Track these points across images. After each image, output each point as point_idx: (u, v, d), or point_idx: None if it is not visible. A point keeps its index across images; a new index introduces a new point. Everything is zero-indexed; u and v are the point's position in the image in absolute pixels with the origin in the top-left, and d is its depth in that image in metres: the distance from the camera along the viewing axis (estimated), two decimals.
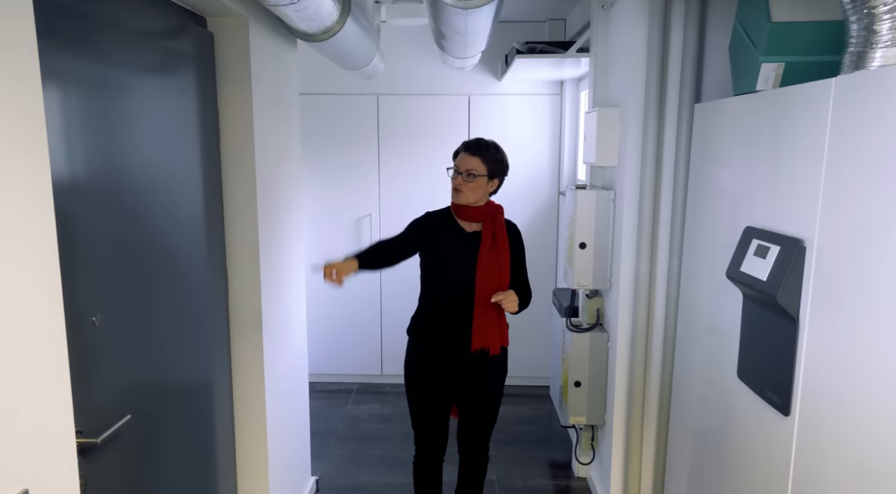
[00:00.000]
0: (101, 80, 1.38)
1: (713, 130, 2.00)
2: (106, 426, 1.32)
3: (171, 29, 1.74)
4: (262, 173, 2.15)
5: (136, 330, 1.51)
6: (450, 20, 1.94)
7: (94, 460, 1.30)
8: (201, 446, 1.92)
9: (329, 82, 3.96)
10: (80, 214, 1.29)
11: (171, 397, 1.72)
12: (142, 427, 1.51)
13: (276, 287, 2.35)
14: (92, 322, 1.32)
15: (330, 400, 4.11)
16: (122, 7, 1.47)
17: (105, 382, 1.37)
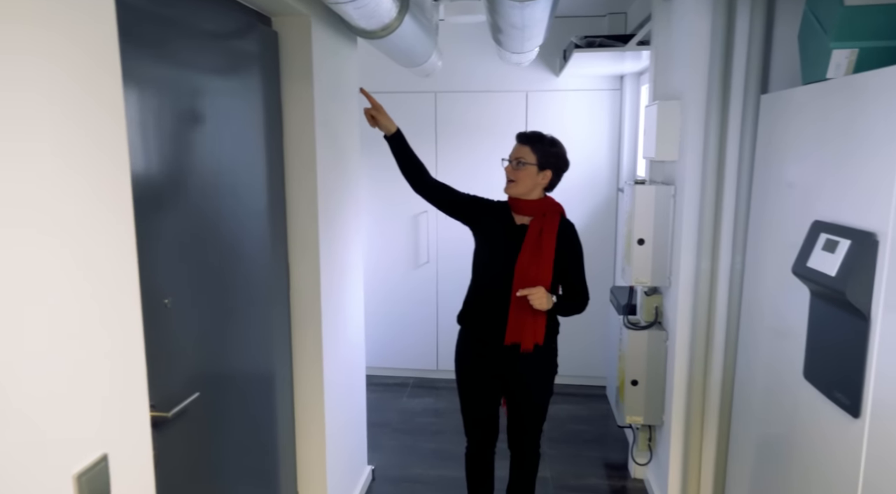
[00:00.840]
0: (175, 79, 1.46)
1: (780, 122, 1.93)
2: (176, 401, 1.40)
3: (239, 29, 1.82)
4: (323, 169, 2.22)
5: (204, 315, 1.60)
6: (506, 13, 1.94)
7: (165, 433, 1.39)
8: (263, 428, 2.00)
9: (388, 80, 4.03)
10: (155, 205, 1.38)
11: (236, 379, 1.81)
12: (209, 405, 1.59)
13: (335, 280, 2.41)
14: (164, 304, 1.40)
15: (386, 393, 4.18)
16: (195, 9, 1.55)
17: (175, 361, 1.46)
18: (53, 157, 0.88)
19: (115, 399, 1.05)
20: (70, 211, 0.92)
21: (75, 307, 0.94)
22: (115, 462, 1.05)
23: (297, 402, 2.29)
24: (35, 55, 0.85)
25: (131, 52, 1.24)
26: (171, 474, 1.41)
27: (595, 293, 4.08)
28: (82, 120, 0.95)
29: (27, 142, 0.84)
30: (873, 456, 1.38)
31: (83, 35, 0.95)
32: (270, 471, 2.07)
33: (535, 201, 2.19)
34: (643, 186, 2.53)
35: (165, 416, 1.35)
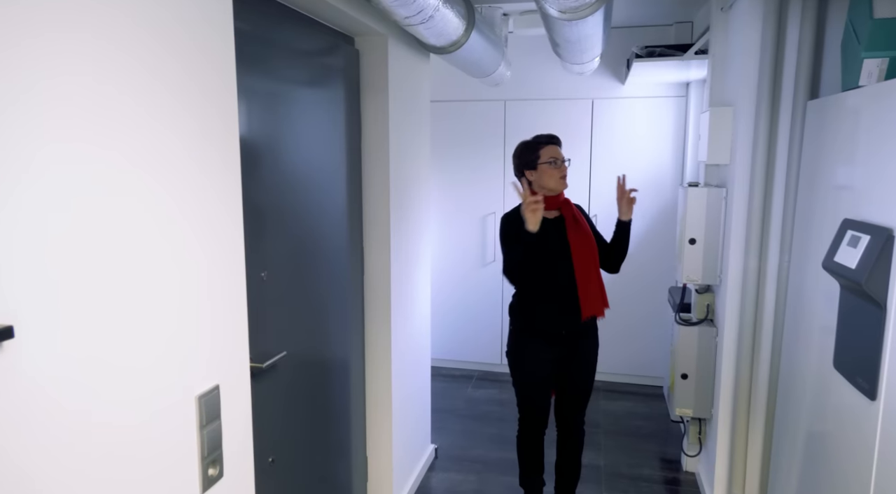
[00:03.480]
0: (274, 92, 1.78)
1: (824, 127, 2.03)
2: (269, 356, 1.71)
3: (327, 48, 2.14)
4: (395, 171, 2.51)
5: (292, 289, 1.90)
6: (559, 30, 2.15)
7: (260, 381, 1.69)
8: (339, 395, 2.30)
9: (461, 90, 4.30)
10: (256, 197, 1.69)
11: (317, 348, 2.11)
12: (294, 365, 1.90)
13: (404, 271, 2.69)
14: (261, 276, 1.71)
15: (453, 383, 4.43)
16: (290, 31, 1.87)
17: (268, 323, 1.77)
18: (189, 158, 1.19)
19: (226, 345, 1.35)
20: (200, 200, 1.23)
21: (201, 272, 1.24)
22: (224, 393, 1.35)
23: (367, 377, 2.58)
24: (175, 60, 1.16)
25: (239, 67, 1.55)
26: (264, 416, 1.72)
27: (655, 293, 4.19)
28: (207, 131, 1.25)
29: (170, 149, 1.14)
30: (887, 433, 1.49)
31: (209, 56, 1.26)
32: (343, 434, 2.36)
33: (560, 194, 2.46)
34: (695, 189, 2.65)
35: (260, 367, 1.66)
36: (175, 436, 1.15)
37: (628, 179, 4.13)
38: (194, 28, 1.15)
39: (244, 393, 1.44)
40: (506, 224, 2.43)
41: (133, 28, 0.99)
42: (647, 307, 4.24)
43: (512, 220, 2.40)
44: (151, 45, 1.03)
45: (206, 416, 1.24)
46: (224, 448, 1.29)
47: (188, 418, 1.19)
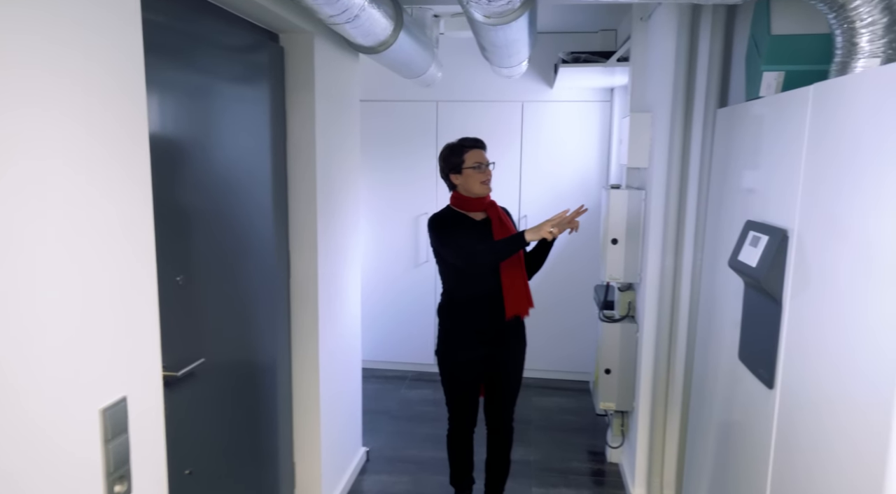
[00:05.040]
0: (192, 87, 1.72)
1: (730, 133, 2.15)
2: (185, 364, 1.65)
3: (250, 45, 2.08)
4: (322, 171, 2.47)
5: (212, 293, 1.85)
6: (486, 34, 2.18)
7: (175, 391, 1.64)
8: (263, 400, 2.25)
9: (392, 90, 4.29)
10: (171, 195, 1.63)
11: (238, 353, 2.06)
12: (213, 372, 1.85)
13: (332, 272, 2.66)
14: (177, 281, 1.65)
15: (386, 384, 4.42)
16: (211, 25, 1.81)
17: (185, 330, 1.71)
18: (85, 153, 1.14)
19: (134, 354, 1.30)
20: (103, 199, 1.17)
21: (105, 277, 1.19)
22: (132, 404, 1.29)
23: (294, 381, 2.53)
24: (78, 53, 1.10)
25: (155, 61, 1.50)
26: (180, 426, 1.66)
27: (582, 291, 4.32)
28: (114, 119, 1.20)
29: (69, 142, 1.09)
30: (783, 419, 1.59)
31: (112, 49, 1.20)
32: (269, 441, 2.31)
33: (486, 196, 2.50)
34: (617, 191, 2.75)
35: (175, 375, 1.60)
36: (75, 453, 1.09)
37: (556, 181, 4.24)
38: (94, 13, 1.10)
39: (155, 403, 1.39)
40: (441, 224, 2.46)
41: (22, 9, 0.94)
42: (575, 305, 4.36)
43: (447, 220, 2.45)
44: (47, 29, 0.98)
45: (111, 430, 1.19)
46: (132, 462, 1.24)
47: (90, 433, 1.14)
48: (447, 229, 2.44)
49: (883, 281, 1.21)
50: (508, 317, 2.44)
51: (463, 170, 2.45)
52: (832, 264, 1.40)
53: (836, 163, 1.39)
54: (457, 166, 2.47)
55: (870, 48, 1.50)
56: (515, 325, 2.53)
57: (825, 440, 1.39)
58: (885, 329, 1.20)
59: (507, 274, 2.42)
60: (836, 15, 1.53)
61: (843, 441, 1.32)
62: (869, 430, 1.22)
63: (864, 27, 1.49)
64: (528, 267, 2.53)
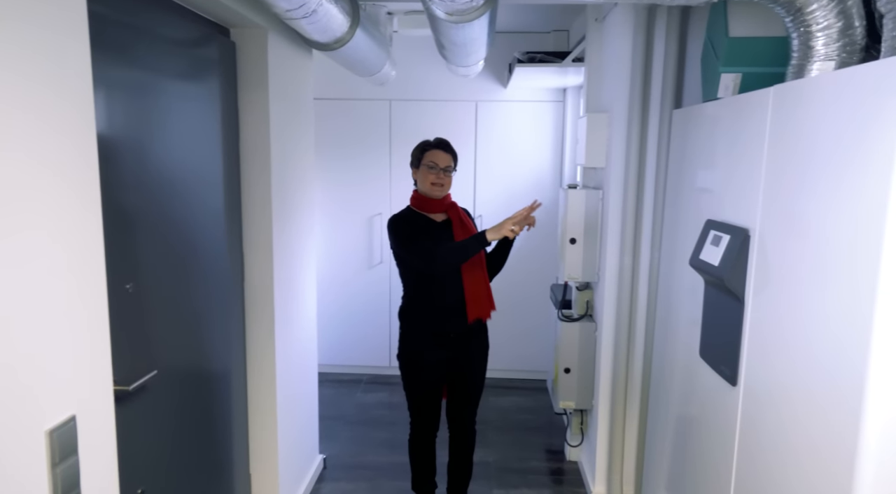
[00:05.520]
0: (138, 83, 1.61)
1: (687, 134, 2.19)
2: (136, 377, 1.55)
3: (199, 39, 1.98)
4: (277, 171, 2.38)
5: (162, 302, 1.74)
6: (446, 32, 2.15)
7: (126, 406, 1.53)
8: (217, 411, 2.15)
9: (345, 88, 4.21)
10: (117, 199, 1.53)
11: (192, 363, 1.95)
12: (166, 384, 1.74)
13: (288, 276, 2.57)
14: (126, 289, 1.55)
15: (341, 388, 4.33)
16: (157, 19, 1.71)
17: (136, 341, 1.60)
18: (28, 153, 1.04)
19: (83, 369, 1.20)
20: (49, 201, 1.08)
21: (51, 285, 1.09)
22: (82, 423, 1.20)
23: (249, 389, 2.43)
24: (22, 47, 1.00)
25: (96, 55, 1.39)
26: (131, 443, 1.56)
27: (538, 291, 4.35)
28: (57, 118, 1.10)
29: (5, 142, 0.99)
30: (746, 416, 1.63)
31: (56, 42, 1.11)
32: (224, 453, 2.21)
33: (448, 196, 2.49)
34: (574, 191, 2.77)
35: (126, 390, 1.50)
36: (19, 480, 1.00)
37: (511, 181, 4.25)
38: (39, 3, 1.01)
39: (107, 421, 1.29)
40: (401, 226, 2.41)
41: None
42: (531, 304, 4.38)
43: (407, 221, 2.41)
44: None
45: (59, 453, 1.09)
46: (83, 486, 1.15)
47: (36, 457, 1.04)
48: (407, 230, 2.39)
49: (841, 278, 1.24)
50: (471, 321, 2.41)
51: (420, 166, 2.44)
52: (793, 262, 1.43)
53: (796, 163, 1.43)
54: (416, 162, 2.47)
55: (825, 51, 1.55)
56: (478, 328, 2.50)
57: (788, 434, 1.42)
58: (845, 325, 1.23)
59: (468, 276, 2.39)
60: (793, 18, 1.57)
61: (804, 434, 1.35)
62: (828, 423, 1.25)
63: (819, 31, 1.54)
64: (489, 268, 2.51)
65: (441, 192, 2.42)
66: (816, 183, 1.35)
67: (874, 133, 1.16)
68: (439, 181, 2.40)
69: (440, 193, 2.42)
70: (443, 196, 2.44)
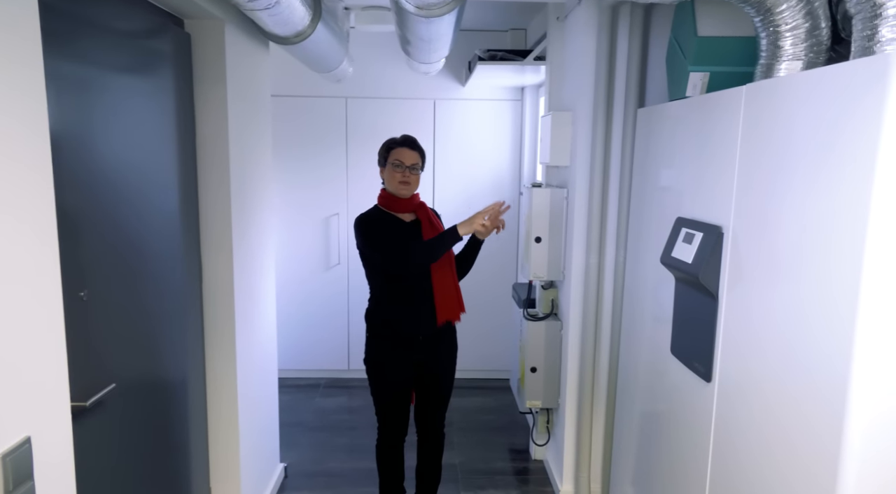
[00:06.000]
0: (84, 78, 1.49)
1: (652, 132, 2.21)
2: (93, 391, 1.44)
3: (149, 29, 1.86)
4: (236, 171, 2.28)
5: (118, 309, 1.63)
6: (414, 27, 2.10)
7: (84, 423, 1.42)
8: (176, 424, 2.03)
9: (300, 85, 4.09)
10: (63, 201, 1.41)
11: (151, 374, 1.84)
12: (125, 398, 1.63)
13: (248, 280, 2.47)
14: (80, 296, 1.43)
15: (299, 393, 4.21)
16: (104, 8, 1.59)
17: (93, 352, 1.49)
18: None
19: (38, 385, 1.10)
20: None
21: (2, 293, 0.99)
22: (38, 445, 1.09)
23: (209, 400, 2.31)
24: None
25: None
26: (89, 463, 1.44)
27: (499, 290, 4.35)
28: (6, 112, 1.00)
29: None
30: (721, 411, 1.65)
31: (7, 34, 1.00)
32: (182, 468, 2.09)
33: (416, 196, 2.44)
34: (539, 189, 2.76)
35: (84, 406, 1.39)
36: None
37: (470, 180, 4.23)
38: None
39: (64, 441, 1.19)
40: (369, 226, 2.35)
41: None
42: (490, 303, 4.38)
43: (375, 221, 2.36)
44: None
45: (12, 479, 1.00)
46: None
47: None
48: (375, 231, 2.33)
49: (817, 274, 1.27)
50: (440, 323, 2.37)
51: (386, 165, 2.38)
52: (768, 258, 1.45)
53: (770, 161, 1.45)
54: (383, 161, 2.42)
55: (793, 51, 1.58)
56: (447, 330, 2.47)
57: (763, 428, 1.44)
58: (820, 319, 1.25)
59: (438, 278, 2.35)
60: (762, 18, 1.60)
61: (777, 426, 1.37)
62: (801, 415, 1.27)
63: (788, 31, 1.57)
64: (458, 269, 2.48)
65: (408, 191, 2.37)
66: (791, 180, 1.37)
67: (850, 131, 1.19)
68: (406, 179, 2.35)
69: (407, 192, 2.37)
70: (411, 195, 2.39)
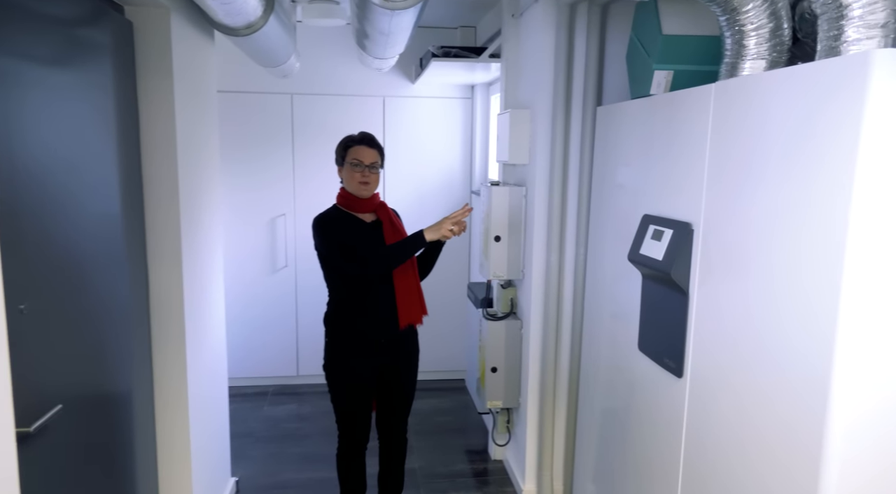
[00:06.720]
0: (6, 71, 1.32)
1: (613, 131, 2.22)
2: (38, 414, 1.30)
3: (85, 16, 1.69)
4: (185, 172, 2.13)
5: (59, 322, 1.48)
6: (375, 20, 2.03)
7: (27, 451, 1.28)
8: (124, 444, 1.88)
9: (243, 79, 3.92)
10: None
11: (97, 391, 1.69)
12: (70, 419, 1.48)
13: (198, 287, 2.32)
14: (20, 309, 1.29)
15: (246, 402, 4.04)
16: None
17: (36, 371, 1.34)
18: None
19: None
20: None
21: None
22: None
23: (158, 417, 2.16)
24: None
25: None
26: (33, 492, 1.30)
27: (452, 289, 4.32)
28: None
29: None
30: (693, 406, 1.66)
31: None
32: (130, 491, 1.94)
33: (376, 195, 2.36)
34: (498, 188, 2.74)
35: (28, 431, 1.25)
36: None
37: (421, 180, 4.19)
38: None
39: (8, 472, 1.06)
40: (328, 226, 2.26)
41: None
42: (443, 303, 4.33)
43: (334, 221, 2.27)
44: None
45: None
46: None
47: None
48: (335, 232, 2.24)
49: (788, 268, 1.30)
50: (402, 327, 2.30)
51: (344, 164, 2.30)
52: (739, 254, 1.47)
53: (740, 158, 1.47)
54: (340, 160, 2.33)
55: (757, 51, 1.61)
56: (409, 333, 2.40)
57: (735, 421, 1.46)
58: (791, 314, 1.28)
59: (400, 280, 2.28)
60: (728, 17, 1.62)
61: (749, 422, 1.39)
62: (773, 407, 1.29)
63: (752, 30, 1.60)
64: (420, 271, 2.42)
65: (369, 191, 2.29)
66: (763, 176, 1.39)
67: (825, 127, 1.21)
68: (365, 179, 2.27)
69: (368, 192, 2.29)
70: (371, 195, 2.31)
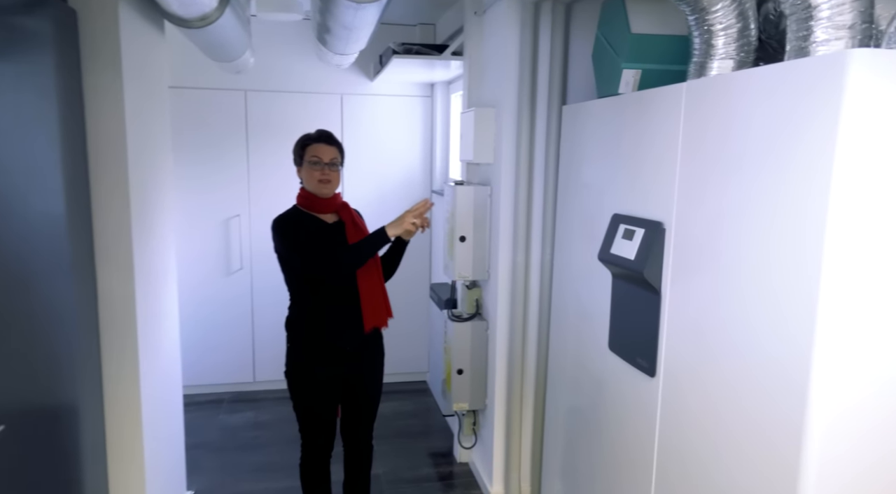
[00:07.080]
0: None
1: (579, 130, 2.21)
2: None
3: (22, 2, 1.56)
4: (135, 172, 2.01)
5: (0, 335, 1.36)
6: (339, 13, 1.95)
7: None
8: (74, 462, 1.75)
9: (194, 74, 3.76)
10: None
11: (43, 408, 1.56)
12: (14, 440, 1.36)
13: (151, 292, 2.20)
14: None
15: (200, 411, 3.88)
16: None
17: None
18: None
19: None
20: None
21: None
22: None
23: (109, 431, 2.03)
24: None
25: None
26: None
27: (413, 290, 4.26)
28: None
29: None
30: (666, 406, 1.66)
31: None
32: None
33: (338, 195, 2.29)
34: (463, 187, 2.70)
35: None
36: None
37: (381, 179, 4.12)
38: None
39: None
40: (288, 227, 2.17)
41: None
42: (403, 305, 4.26)
43: (295, 222, 2.19)
44: None
45: None
46: None
47: None
48: (295, 233, 2.16)
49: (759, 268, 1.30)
50: (367, 330, 2.24)
51: (303, 163, 2.22)
52: (711, 252, 1.47)
53: (712, 157, 1.47)
54: (299, 160, 2.24)
55: (725, 50, 1.62)
56: (374, 337, 2.34)
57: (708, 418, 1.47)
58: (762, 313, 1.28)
59: (364, 281, 2.22)
60: (697, 17, 1.63)
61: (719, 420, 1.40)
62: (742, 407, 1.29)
63: (721, 30, 1.61)
64: (384, 271, 2.36)
65: (330, 190, 2.22)
66: (734, 175, 1.40)
67: (796, 127, 1.22)
68: (326, 178, 2.19)
69: (328, 191, 2.22)
70: (332, 194, 2.24)
